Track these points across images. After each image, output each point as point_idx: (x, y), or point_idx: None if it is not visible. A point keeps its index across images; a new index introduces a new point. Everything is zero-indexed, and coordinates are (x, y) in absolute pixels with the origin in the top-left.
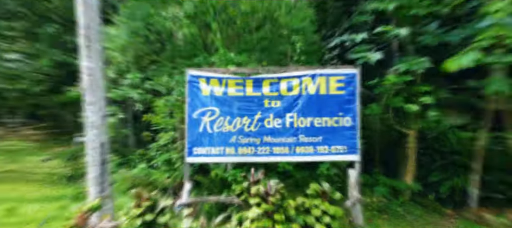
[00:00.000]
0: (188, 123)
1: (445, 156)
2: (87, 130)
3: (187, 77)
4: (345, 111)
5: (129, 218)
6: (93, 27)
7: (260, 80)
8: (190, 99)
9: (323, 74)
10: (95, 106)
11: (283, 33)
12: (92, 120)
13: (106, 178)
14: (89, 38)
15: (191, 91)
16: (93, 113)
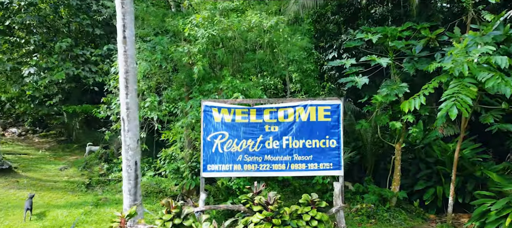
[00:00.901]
0: (203, 145)
1: (430, 165)
2: (124, 152)
3: (202, 107)
4: (330, 134)
5: (162, 222)
6: (131, 72)
7: (261, 110)
8: (205, 125)
9: (313, 104)
10: (132, 133)
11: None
12: (129, 144)
13: (138, 190)
14: (128, 81)
15: (205, 118)
16: (130, 138)
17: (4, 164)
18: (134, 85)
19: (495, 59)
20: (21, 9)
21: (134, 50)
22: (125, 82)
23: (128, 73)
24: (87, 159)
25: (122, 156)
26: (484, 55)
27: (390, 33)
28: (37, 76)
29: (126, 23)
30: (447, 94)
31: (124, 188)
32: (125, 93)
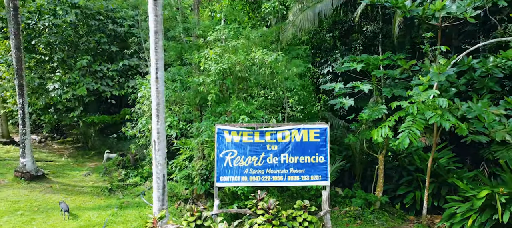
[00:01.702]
0: (217, 160)
1: (411, 173)
2: (154, 167)
3: (216, 130)
4: (319, 152)
5: (187, 223)
6: (161, 104)
7: (263, 132)
8: (218, 144)
9: (305, 128)
10: (161, 152)
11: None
12: (159, 161)
13: (165, 197)
14: (159, 111)
15: (218, 139)
16: (160, 156)
17: (38, 172)
18: (163, 114)
19: (437, 101)
20: (45, 29)
21: (164, 87)
22: (157, 112)
23: (159, 105)
24: (106, 165)
25: (153, 170)
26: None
27: (372, 62)
28: (61, 90)
29: (159, 67)
30: (403, 127)
31: (154, 195)
32: (156, 120)
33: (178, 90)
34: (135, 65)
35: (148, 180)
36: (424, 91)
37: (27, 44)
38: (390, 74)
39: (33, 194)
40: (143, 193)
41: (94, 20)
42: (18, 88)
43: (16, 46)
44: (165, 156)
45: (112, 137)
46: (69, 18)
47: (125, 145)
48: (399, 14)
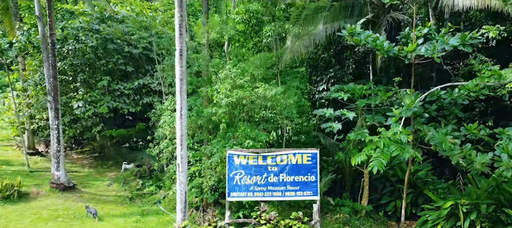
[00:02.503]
0: (228, 179)
1: (393, 184)
2: (178, 185)
3: (227, 154)
4: (311, 173)
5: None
6: (184, 135)
7: (265, 156)
8: (229, 166)
9: (299, 153)
10: (184, 173)
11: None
12: (182, 180)
13: (186, 209)
14: (182, 140)
15: (229, 162)
16: (182, 177)
17: (70, 183)
18: (185, 143)
19: (400, 137)
20: (70, 53)
21: (186, 122)
22: (180, 142)
23: (182, 136)
24: (124, 175)
25: (177, 187)
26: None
27: (357, 92)
28: (84, 108)
29: (183, 106)
30: (374, 157)
31: (177, 208)
32: (180, 148)
33: (194, 117)
34: (148, 83)
35: (162, 189)
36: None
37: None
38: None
39: (67, 203)
40: (159, 201)
41: (112, 43)
42: (54, 111)
43: (53, 75)
44: (186, 176)
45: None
46: (91, 43)
47: (137, 155)
48: (379, 53)
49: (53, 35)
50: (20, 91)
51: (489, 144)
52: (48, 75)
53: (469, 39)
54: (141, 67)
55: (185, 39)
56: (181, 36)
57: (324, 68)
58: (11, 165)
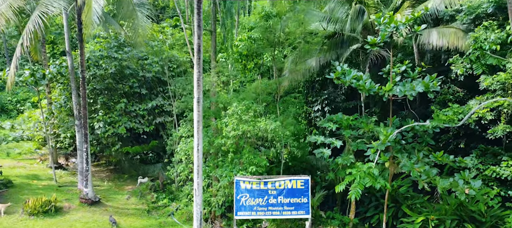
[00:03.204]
0: (235, 201)
1: (378, 199)
2: (195, 206)
3: (235, 180)
4: (303, 195)
5: None
6: (200, 165)
7: (266, 182)
8: (236, 190)
9: (294, 179)
10: (199, 197)
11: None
12: (198, 202)
13: (202, 225)
14: (198, 170)
15: (236, 186)
16: (198, 200)
17: (96, 198)
18: (201, 171)
19: (373, 170)
20: (91, 78)
21: (202, 155)
22: (197, 171)
23: (199, 166)
24: (141, 189)
25: (194, 208)
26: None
27: (344, 123)
28: (104, 128)
29: (199, 142)
30: (352, 187)
31: (194, 225)
32: (197, 176)
33: (206, 146)
34: (160, 104)
35: (174, 201)
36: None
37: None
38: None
39: (95, 216)
40: (172, 213)
41: (128, 68)
42: (84, 136)
43: (84, 105)
44: (202, 199)
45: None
46: (110, 70)
47: (150, 168)
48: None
49: (84, 71)
50: (49, 114)
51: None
52: (76, 102)
53: (431, 87)
54: (153, 88)
55: (202, 89)
56: (199, 87)
57: (318, 90)
58: (40, 179)
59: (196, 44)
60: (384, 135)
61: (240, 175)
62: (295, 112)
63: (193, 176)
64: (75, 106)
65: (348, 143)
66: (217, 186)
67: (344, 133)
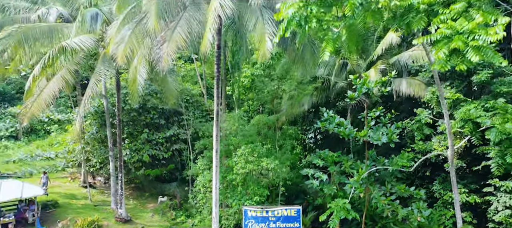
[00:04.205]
0: (244, 225)
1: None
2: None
3: (243, 210)
4: (296, 221)
5: None
6: (217, 199)
7: (268, 210)
8: (244, 217)
9: (289, 208)
10: (216, 224)
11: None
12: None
13: None
14: (216, 202)
15: (244, 214)
16: (215, 224)
17: (128, 217)
18: (218, 203)
19: (346, 205)
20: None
21: (219, 190)
22: (215, 203)
23: (216, 200)
24: (162, 207)
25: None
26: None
27: (329, 160)
28: (130, 155)
29: (216, 178)
30: (331, 218)
31: None
32: (214, 207)
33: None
34: (176, 133)
35: (190, 218)
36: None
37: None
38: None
39: None
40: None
41: (149, 102)
42: (119, 167)
43: (119, 142)
44: (218, 226)
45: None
46: (135, 105)
47: (166, 187)
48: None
49: (120, 114)
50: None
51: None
52: (110, 136)
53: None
54: (170, 118)
55: (219, 143)
56: (217, 142)
57: (311, 120)
58: (77, 199)
59: (216, 111)
60: (358, 175)
61: (247, 204)
62: (291, 145)
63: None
64: (109, 139)
65: (333, 175)
66: (229, 211)
67: (329, 169)
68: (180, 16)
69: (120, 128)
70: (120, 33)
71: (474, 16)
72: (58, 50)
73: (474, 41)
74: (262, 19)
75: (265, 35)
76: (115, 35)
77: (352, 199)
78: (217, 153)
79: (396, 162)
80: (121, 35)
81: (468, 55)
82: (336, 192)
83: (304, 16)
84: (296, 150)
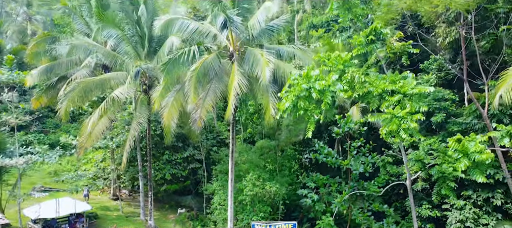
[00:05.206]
0: None
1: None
2: None
3: (251, 224)
4: None
5: None
6: (231, 220)
7: (270, 225)
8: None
9: (287, 223)
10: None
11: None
12: None
13: None
14: (230, 220)
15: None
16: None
17: (156, 227)
18: (232, 218)
19: (331, 222)
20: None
21: (233, 210)
22: (230, 218)
23: (231, 217)
24: (181, 218)
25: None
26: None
27: (319, 182)
28: (153, 174)
29: (230, 203)
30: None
31: None
32: (229, 221)
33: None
34: (192, 153)
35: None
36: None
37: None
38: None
39: None
40: None
41: None
42: (149, 187)
43: (149, 166)
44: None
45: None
46: (157, 132)
47: (182, 199)
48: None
49: (150, 144)
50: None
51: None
52: (140, 159)
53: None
54: (186, 140)
55: (233, 174)
56: (232, 172)
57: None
58: (110, 210)
59: (231, 149)
60: (341, 196)
61: (254, 219)
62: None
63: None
64: (139, 162)
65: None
66: (240, 224)
67: (319, 190)
68: (208, 87)
69: (150, 155)
70: (164, 98)
71: (406, 104)
72: (111, 100)
73: (404, 125)
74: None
75: (270, 104)
76: (159, 99)
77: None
78: (232, 181)
79: (369, 188)
80: (165, 101)
81: (400, 133)
82: (324, 209)
83: (296, 108)
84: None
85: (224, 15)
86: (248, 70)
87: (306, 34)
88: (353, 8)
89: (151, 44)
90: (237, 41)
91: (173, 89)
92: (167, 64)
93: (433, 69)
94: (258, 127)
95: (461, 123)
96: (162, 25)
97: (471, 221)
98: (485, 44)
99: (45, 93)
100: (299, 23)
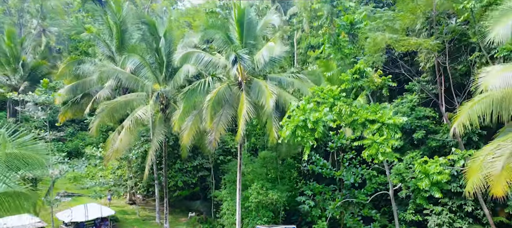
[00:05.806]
0: None
1: None
2: None
3: (256, 227)
4: None
5: None
6: (239, 212)
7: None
8: None
9: (288, 227)
10: None
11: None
12: None
13: None
14: (239, 222)
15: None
16: None
17: None
18: (240, 223)
19: (325, 226)
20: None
21: (240, 216)
22: (238, 223)
23: (239, 222)
24: (192, 221)
25: None
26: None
27: (315, 190)
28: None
29: (239, 212)
30: None
31: None
32: (237, 225)
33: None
34: (200, 162)
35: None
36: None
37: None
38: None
39: None
40: None
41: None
42: (165, 195)
43: (165, 175)
44: None
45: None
46: (170, 143)
47: (191, 204)
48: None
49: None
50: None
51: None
52: (156, 169)
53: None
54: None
55: (241, 184)
56: (239, 182)
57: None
58: (128, 214)
59: (239, 164)
60: (334, 203)
61: (259, 223)
62: (289, 175)
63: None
64: (155, 171)
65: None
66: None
67: (316, 198)
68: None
69: (166, 165)
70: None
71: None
72: (135, 121)
73: (381, 149)
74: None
75: (273, 128)
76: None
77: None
78: (239, 191)
79: (358, 196)
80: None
81: (378, 156)
82: (320, 214)
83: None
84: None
85: (235, 54)
86: (254, 98)
87: (305, 52)
88: (342, 49)
89: (168, 70)
90: (244, 71)
91: (191, 114)
92: (186, 93)
93: (416, 90)
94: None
95: (439, 140)
96: (181, 58)
97: (447, 224)
98: (462, 67)
99: (70, 108)
100: (298, 41)
